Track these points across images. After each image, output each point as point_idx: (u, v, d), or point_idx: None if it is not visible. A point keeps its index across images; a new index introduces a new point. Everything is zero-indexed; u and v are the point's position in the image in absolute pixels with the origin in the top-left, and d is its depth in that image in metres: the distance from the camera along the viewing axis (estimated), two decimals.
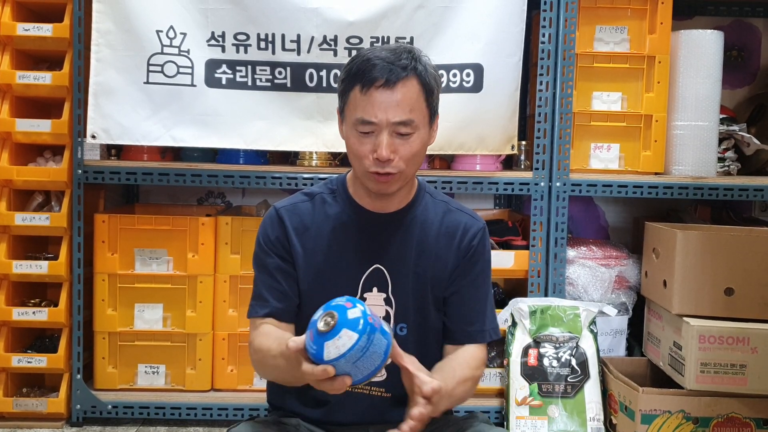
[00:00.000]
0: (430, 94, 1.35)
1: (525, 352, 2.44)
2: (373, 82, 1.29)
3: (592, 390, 2.39)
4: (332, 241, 1.41)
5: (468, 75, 2.44)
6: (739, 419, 2.23)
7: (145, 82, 2.42)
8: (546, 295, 2.57)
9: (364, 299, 1.40)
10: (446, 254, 1.43)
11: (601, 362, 2.48)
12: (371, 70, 1.29)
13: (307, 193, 1.46)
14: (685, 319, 2.24)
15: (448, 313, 1.46)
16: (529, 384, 2.39)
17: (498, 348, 2.63)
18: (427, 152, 2.50)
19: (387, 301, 1.41)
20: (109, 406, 2.52)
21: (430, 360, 1.45)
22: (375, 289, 1.42)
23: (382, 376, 1.40)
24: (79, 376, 2.52)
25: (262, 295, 1.42)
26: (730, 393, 2.20)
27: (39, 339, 2.67)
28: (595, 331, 2.50)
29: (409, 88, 1.31)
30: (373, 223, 1.42)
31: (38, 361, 2.50)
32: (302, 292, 1.42)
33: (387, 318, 1.41)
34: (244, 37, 2.42)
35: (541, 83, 2.54)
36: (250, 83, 2.45)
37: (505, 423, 2.44)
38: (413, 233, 1.43)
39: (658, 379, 2.44)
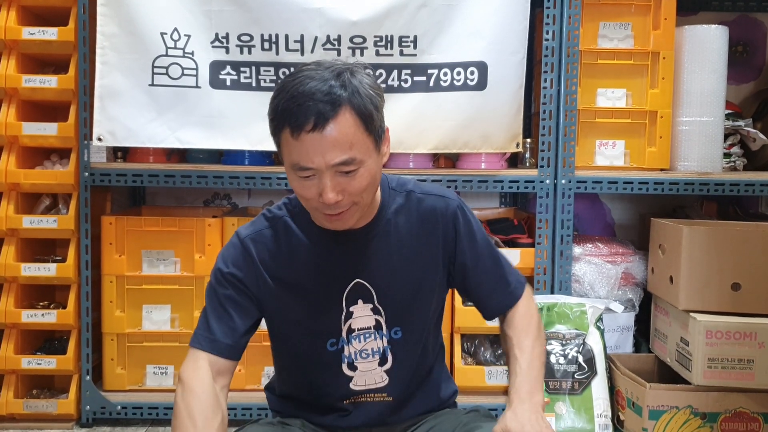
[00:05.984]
0: (370, 120, 1.20)
1: None
2: (303, 127, 1.16)
3: (599, 386, 2.39)
4: (304, 265, 1.34)
5: (472, 73, 2.45)
6: (747, 414, 2.23)
7: (150, 85, 2.43)
8: (552, 293, 2.57)
9: (351, 313, 1.36)
10: (430, 247, 1.38)
11: (608, 359, 2.48)
12: (298, 113, 1.16)
13: (269, 218, 1.37)
14: (691, 314, 2.24)
15: (474, 293, 1.43)
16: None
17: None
18: (432, 151, 2.55)
19: (375, 311, 1.37)
20: (119, 407, 2.53)
21: (428, 357, 1.45)
22: (360, 302, 1.36)
23: (383, 381, 1.39)
24: (88, 377, 2.53)
25: (210, 326, 1.32)
26: (738, 388, 2.20)
27: (48, 341, 2.69)
28: (602, 327, 2.50)
29: (342, 124, 1.17)
30: (342, 241, 1.34)
31: (48, 363, 2.51)
32: (283, 319, 1.37)
33: (378, 326, 1.37)
34: (247, 38, 2.43)
35: (545, 80, 2.53)
36: (254, 84, 2.46)
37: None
38: (389, 239, 1.36)
39: (666, 375, 2.44)
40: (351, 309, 1.36)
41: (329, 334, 1.36)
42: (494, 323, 2.59)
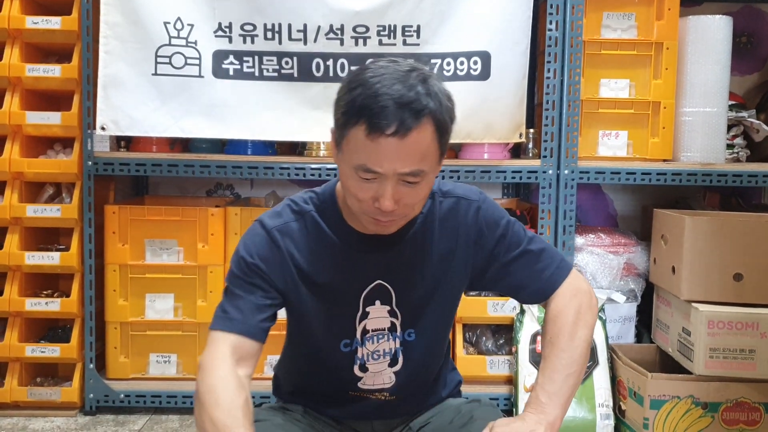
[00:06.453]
0: (444, 134, 1.17)
1: (533, 339, 2.45)
2: (383, 129, 1.10)
3: (601, 376, 2.39)
4: (330, 263, 1.31)
5: (475, 63, 2.44)
6: (748, 404, 2.23)
7: (153, 74, 2.43)
8: None
9: (367, 313, 1.33)
10: (451, 251, 1.34)
11: (610, 349, 2.49)
12: (380, 113, 1.10)
13: (296, 211, 1.32)
14: (694, 305, 2.24)
15: (509, 287, 1.37)
16: (538, 370, 2.39)
17: (506, 335, 2.63)
18: None
19: (391, 313, 1.34)
20: (122, 395, 2.55)
21: (437, 357, 1.44)
22: (378, 302, 1.33)
23: (390, 382, 1.38)
24: (91, 365, 2.55)
25: (234, 306, 1.26)
26: (739, 378, 2.20)
27: (52, 329, 2.71)
28: (604, 318, 2.50)
29: (422, 135, 1.12)
30: (370, 244, 1.30)
31: (51, 351, 2.53)
32: (300, 314, 1.33)
33: (393, 328, 1.35)
34: (250, 27, 2.43)
35: (548, 71, 2.53)
36: (257, 73, 2.46)
37: (513, 410, 2.45)
38: (416, 243, 1.32)
39: (667, 365, 2.44)
40: (367, 309, 1.33)
41: (344, 334, 1.34)
42: (496, 313, 2.60)
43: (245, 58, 2.45)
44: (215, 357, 1.22)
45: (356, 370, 1.36)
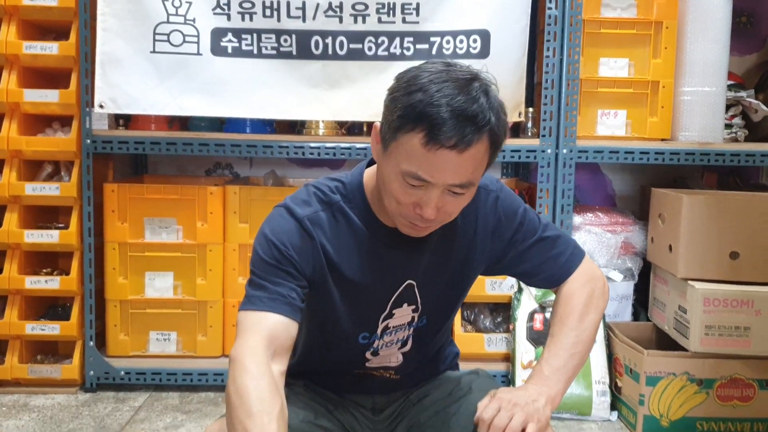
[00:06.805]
0: (497, 148, 1.15)
1: (531, 317, 2.47)
2: (443, 141, 1.07)
3: (597, 354, 2.41)
4: (362, 258, 1.27)
5: (474, 41, 2.44)
6: (743, 380, 2.26)
7: (151, 51, 2.42)
8: None
9: (393, 314, 1.32)
10: (472, 241, 1.33)
11: (607, 327, 2.51)
12: (442, 124, 1.06)
13: (323, 201, 1.27)
14: (690, 282, 2.26)
15: (525, 274, 1.38)
16: (535, 348, 2.42)
17: (504, 314, 2.65)
18: None
19: (415, 310, 1.34)
20: (122, 373, 2.56)
21: (443, 337, 1.46)
22: (405, 305, 1.32)
23: (398, 361, 1.39)
24: (91, 343, 2.56)
25: (272, 290, 1.20)
26: (734, 355, 2.23)
27: (52, 307, 2.72)
28: None
29: (478, 150, 1.10)
30: (400, 240, 1.26)
31: (51, 329, 2.54)
32: (322, 306, 1.30)
33: (411, 322, 1.35)
34: (249, 4, 2.41)
35: (548, 49, 2.53)
36: (255, 51, 2.45)
37: (511, 386, 2.47)
38: (442, 239, 1.30)
39: (663, 344, 2.46)
40: (394, 311, 1.32)
41: (364, 329, 1.33)
42: (494, 291, 2.61)
43: (244, 36, 2.43)
44: (246, 350, 1.14)
45: (368, 355, 1.37)
